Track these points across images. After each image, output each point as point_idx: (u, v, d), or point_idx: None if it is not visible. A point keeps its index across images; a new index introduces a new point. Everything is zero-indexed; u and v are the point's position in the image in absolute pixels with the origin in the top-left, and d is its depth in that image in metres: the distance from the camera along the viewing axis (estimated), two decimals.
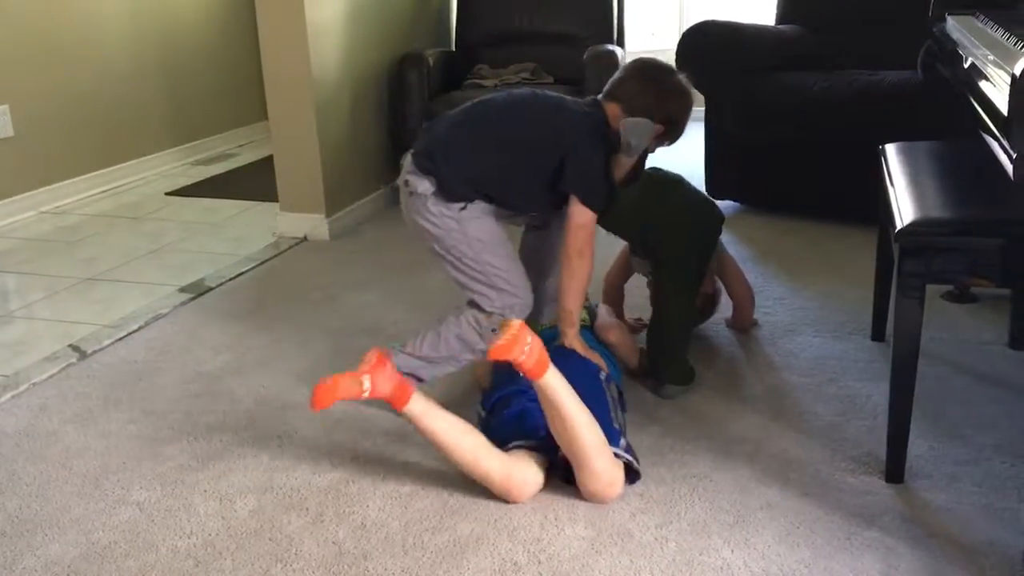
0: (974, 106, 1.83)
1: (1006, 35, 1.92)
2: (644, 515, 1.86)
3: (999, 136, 1.58)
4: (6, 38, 4.05)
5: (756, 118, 3.61)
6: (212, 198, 4.41)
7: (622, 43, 4.35)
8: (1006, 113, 1.52)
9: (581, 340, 2.17)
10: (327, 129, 3.63)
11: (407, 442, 2.13)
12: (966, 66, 2.00)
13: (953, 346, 2.53)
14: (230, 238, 3.79)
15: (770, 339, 2.64)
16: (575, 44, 4.12)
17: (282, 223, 3.74)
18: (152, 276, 3.36)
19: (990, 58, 1.82)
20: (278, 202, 3.76)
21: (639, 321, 2.65)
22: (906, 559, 1.70)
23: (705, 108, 3.66)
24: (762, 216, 3.70)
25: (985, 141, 1.71)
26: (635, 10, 5.19)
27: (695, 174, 3.27)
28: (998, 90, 1.64)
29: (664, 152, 2.32)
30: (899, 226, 1.83)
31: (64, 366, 2.62)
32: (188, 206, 4.29)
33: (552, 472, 1.95)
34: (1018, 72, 1.47)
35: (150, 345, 2.75)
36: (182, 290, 3.19)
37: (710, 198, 2.64)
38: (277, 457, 2.12)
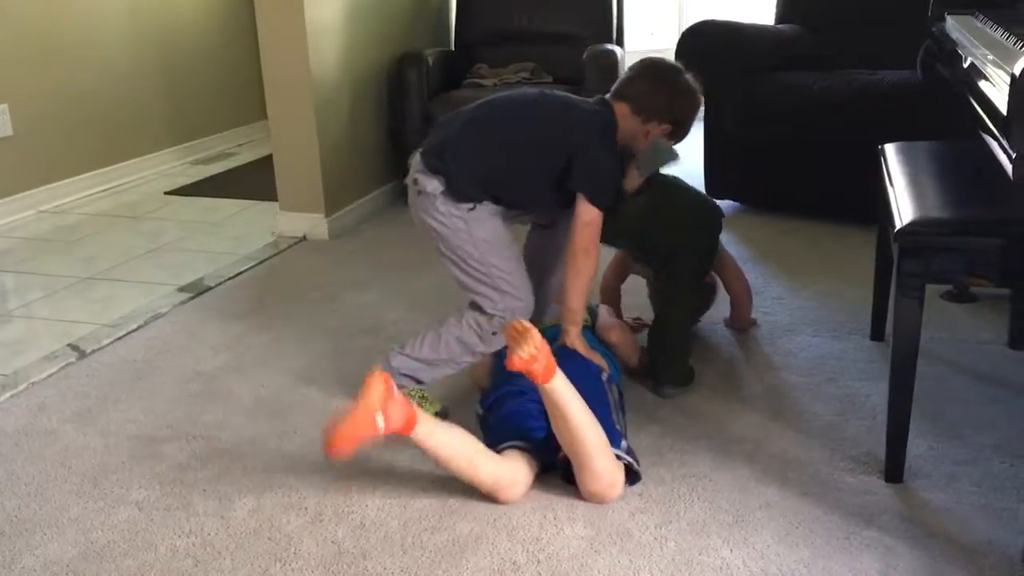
0: (973, 106, 1.83)
1: (1005, 35, 1.92)
2: (643, 515, 1.86)
3: (998, 136, 1.58)
4: (6, 38, 4.04)
5: (756, 118, 3.61)
6: (211, 197, 4.40)
7: (621, 43, 4.35)
8: (1005, 113, 1.52)
9: (583, 340, 2.17)
10: (326, 128, 3.63)
11: (406, 441, 2.11)
12: (965, 66, 2.00)
13: (952, 346, 2.53)
14: (229, 237, 3.78)
15: (769, 339, 2.64)
16: (574, 44, 4.12)
17: (281, 222, 3.74)
18: (151, 275, 3.36)
19: (989, 58, 1.82)
20: (277, 201, 3.76)
21: (638, 321, 2.65)
22: (905, 559, 1.70)
23: (705, 108, 3.65)
24: (762, 216, 3.69)
25: (984, 141, 1.71)
26: (634, 10, 5.18)
27: (695, 174, 3.27)
28: (997, 90, 1.64)
29: None
30: (898, 226, 1.83)
31: (63, 365, 2.62)
32: (187, 205, 4.29)
33: (552, 472, 1.95)
34: (1017, 72, 1.47)
35: (149, 344, 2.75)
36: (181, 289, 3.19)
37: (710, 198, 2.64)
38: (276, 456, 2.12)
